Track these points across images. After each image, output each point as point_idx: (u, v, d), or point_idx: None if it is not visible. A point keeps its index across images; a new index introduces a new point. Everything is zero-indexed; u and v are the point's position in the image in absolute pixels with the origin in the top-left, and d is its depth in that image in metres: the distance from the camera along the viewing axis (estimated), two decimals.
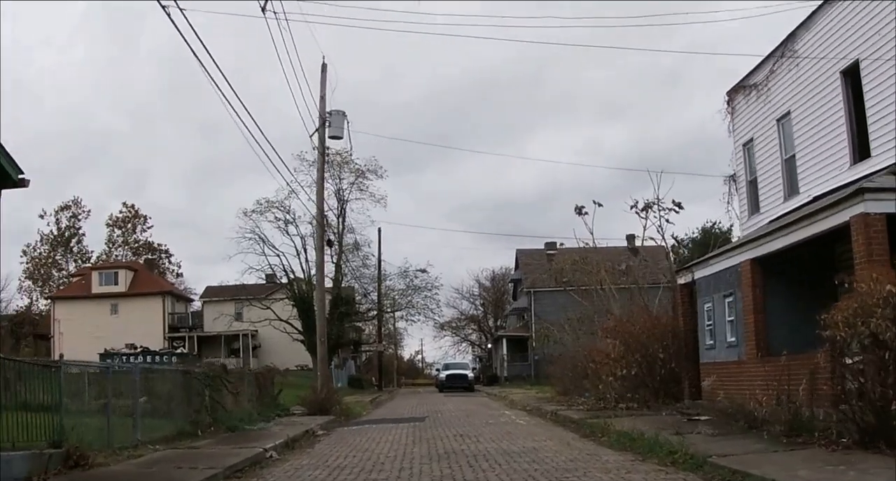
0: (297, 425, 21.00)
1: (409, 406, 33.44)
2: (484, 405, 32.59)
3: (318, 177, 27.69)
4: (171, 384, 17.40)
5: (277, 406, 26.33)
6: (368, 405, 34.71)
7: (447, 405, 32.47)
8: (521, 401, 31.77)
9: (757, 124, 20.36)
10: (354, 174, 57.45)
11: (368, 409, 31.32)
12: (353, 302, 59.25)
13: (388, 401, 40.21)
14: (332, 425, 22.28)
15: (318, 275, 28.90)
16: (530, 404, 29.04)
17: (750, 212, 20.81)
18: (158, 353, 62.61)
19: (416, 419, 23.21)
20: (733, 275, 17.09)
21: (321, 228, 27.81)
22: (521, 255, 67.11)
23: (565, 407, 25.19)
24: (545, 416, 23.22)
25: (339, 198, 57.77)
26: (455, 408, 29.35)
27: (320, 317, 28.04)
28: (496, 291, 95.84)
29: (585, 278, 32.50)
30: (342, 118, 27.71)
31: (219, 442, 16.53)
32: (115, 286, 70.18)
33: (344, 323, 55.91)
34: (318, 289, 28.86)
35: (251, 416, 21.91)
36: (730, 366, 17.27)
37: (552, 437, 16.02)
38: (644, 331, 22.65)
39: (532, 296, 62.47)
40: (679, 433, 14.52)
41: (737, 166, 21.68)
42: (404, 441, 16.01)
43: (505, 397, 37.51)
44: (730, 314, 17.45)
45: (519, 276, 67.46)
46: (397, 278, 58.29)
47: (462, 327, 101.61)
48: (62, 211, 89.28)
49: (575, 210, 29.76)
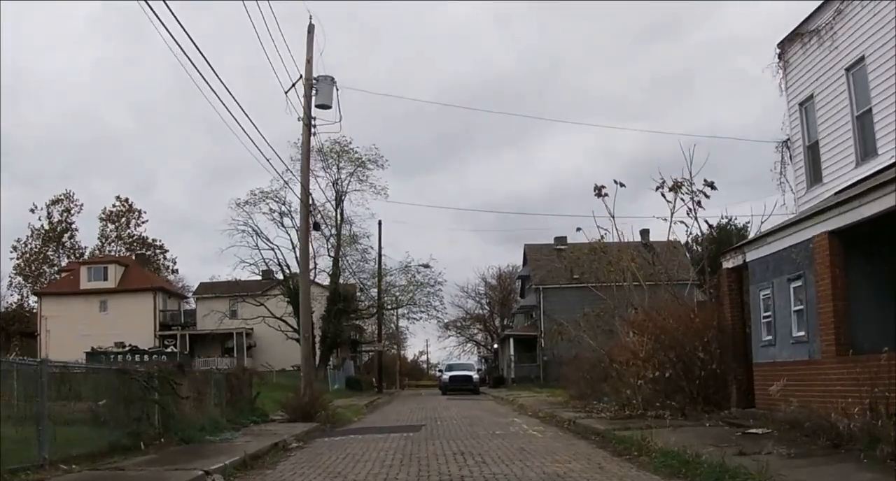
0: (269, 435, 17.68)
1: (408, 410, 30.12)
2: (490, 410, 29.24)
3: (304, 150, 24.38)
4: (104, 387, 14.07)
5: (254, 411, 23.03)
6: (363, 409, 31.40)
7: (449, 410, 29.15)
8: (531, 406, 28.43)
9: (819, 77, 16.96)
10: (353, 164, 54.21)
11: (361, 415, 28.00)
12: (351, 298, 55.95)
13: (386, 405, 36.88)
14: (313, 435, 18.95)
15: (302, 260, 25.56)
16: (543, 410, 25.70)
17: (809, 183, 17.41)
18: (147, 352, 59.57)
19: (412, 428, 19.86)
20: (802, 253, 13.71)
21: (305, 208, 24.48)
22: (529, 250, 63.72)
23: (584, 414, 21.84)
24: (562, 426, 19.87)
25: (337, 189, 54.57)
26: (458, 414, 26.02)
27: (304, 310, 24.74)
28: (503, 290, 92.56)
29: (604, 269, 29.03)
30: (330, 85, 24.40)
31: (160, 458, 13.23)
32: (105, 282, 67.01)
33: (341, 320, 52.65)
34: (302, 277, 25.52)
35: (217, 425, 18.60)
36: (797, 367, 13.88)
37: (577, 456, 12.66)
38: (680, 325, 19.30)
39: (541, 293, 59.09)
40: (743, 452, 11.17)
41: (792, 129, 18.27)
42: (390, 460, 12.67)
43: (513, 401, 34.14)
44: (797, 302, 14.07)
45: (527, 273, 64.07)
46: (398, 274, 55.03)
47: (467, 327, 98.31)
48: (54, 205, 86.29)
49: (594, 191, 26.40)
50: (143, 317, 65.65)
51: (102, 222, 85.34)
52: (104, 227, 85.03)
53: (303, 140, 24.31)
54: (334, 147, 53.12)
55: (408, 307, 54.45)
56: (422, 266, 54.19)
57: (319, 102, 24.41)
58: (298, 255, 24.18)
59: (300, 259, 24.63)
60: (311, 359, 24.24)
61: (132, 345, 60.92)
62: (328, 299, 53.85)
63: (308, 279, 24.80)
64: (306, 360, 24.25)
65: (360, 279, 54.84)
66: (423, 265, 54.25)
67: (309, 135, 24.23)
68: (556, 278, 60.16)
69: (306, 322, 24.74)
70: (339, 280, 53.48)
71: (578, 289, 61.58)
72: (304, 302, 24.69)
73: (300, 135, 24.39)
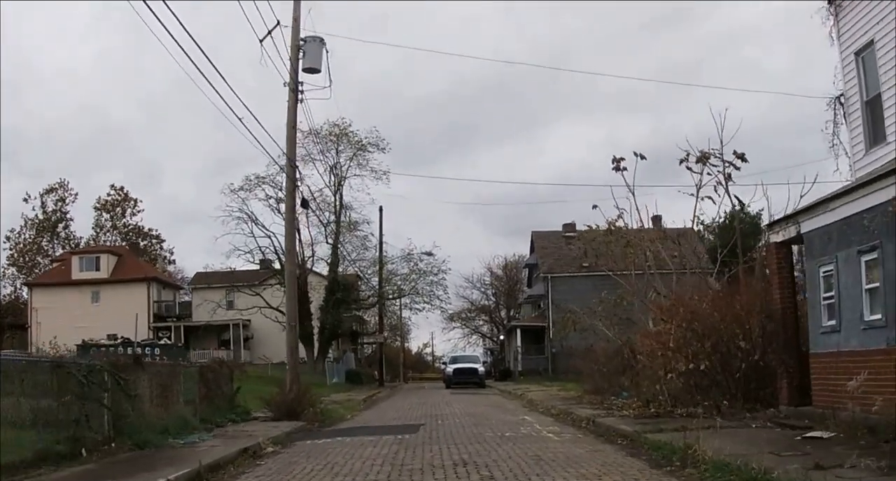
0: (243, 438, 15.32)
1: (408, 406, 27.75)
2: (497, 406, 26.84)
3: (289, 117, 21.90)
4: (33, 384, 11.67)
5: (235, 409, 20.67)
6: (359, 405, 29.05)
7: (453, 406, 26.76)
8: (542, 402, 26.03)
9: (880, 19, 14.48)
10: (353, 147, 51.77)
11: (356, 411, 25.63)
12: (352, 288, 53.56)
13: (385, 400, 34.52)
14: (294, 437, 16.58)
15: (288, 240, 23.04)
16: (555, 406, 23.31)
17: (869, 144, 14.88)
18: (140, 344, 57.36)
19: (409, 428, 17.46)
20: (878, 218, 11.26)
21: (291, 183, 21.99)
22: (536, 238, 61.23)
23: (602, 411, 19.43)
24: (580, 425, 17.46)
25: (336, 173, 52.15)
26: (462, 411, 23.63)
27: (290, 294, 22.34)
28: (509, 280, 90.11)
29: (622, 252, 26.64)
30: (320, 46, 21.98)
31: (96, 470, 10.89)
32: (97, 272, 64.72)
33: (340, 310, 50.29)
34: (288, 257, 22.97)
35: (186, 425, 16.25)
36: (871, 358, 11.44)
37: (607, 468, 10.23)
38: (716, 310, 16.85)
39: (549, 281, 56.66)
40: (821, 465, 8.77)
41: (846, 84, 15.77)
42: (375, 473, 10.26)
43: (522, 396, 31.75)
44: (869, 279, 11.62)
45: (534, 261, 61.57)
46: (400, 262, 52.58)
47: (472, 318, 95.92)
48: (48, 194, 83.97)
49: (612, 164, 23.84)
50: (137, 309, 63.21)
51: (97, 211, 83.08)
52: (99, 217, 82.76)
53: (289, 106, 21.85)
54: (333, 130, 50.80)
55: (410, 297, 52.01)
56: (424, 254, 51.81)
57: (307, 66, 21.99)
58: (284, 234, 21.49)
59: (286, 238, 22.22)
60: (297, 350, 21.84)
61: (124, 337, 58.81)
62: (327, 288, 51.52)
63: (294, 260, 22.35)
64: (292, 352, 21.85)
65: (360, 267, 52.43)
66: (425, 253, 51.87)
67: (296, 101, 21.80)
68: (565, 266, 57.77)
69: (291, 309, 22.32)
70: (338, 268, 51.13)
71: (589, 277, 59.14)
72: (290, 285, 22.29)
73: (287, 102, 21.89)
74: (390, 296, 52.34)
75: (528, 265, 64.94)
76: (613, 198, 26.62)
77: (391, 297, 52.56)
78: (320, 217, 49.10)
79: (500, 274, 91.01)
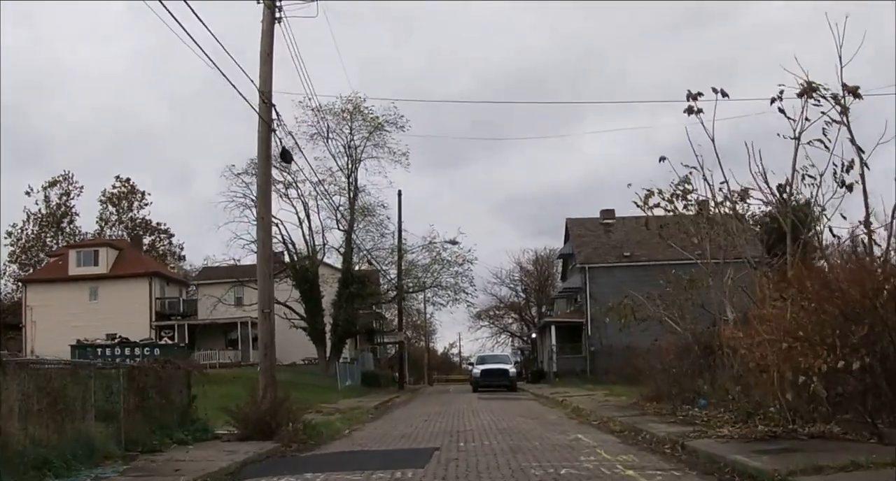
0: (166, 476, 10.14)
1: (425, 417, 22.45)
2: (536, 416, 21.47)
3: (264, 41, 16.69)
4: None
5: (189, 425, 15.50)
6: (365, 415, 23.88)
7: (480, 416, 21.48)
8: (593, 411, 20.66)
9: None
10: (370, 126, 46.58)
11: (359, 423, 20.38)
12: (367, 281, 48.33)
13: (401, 407, 29.27)
14: (248, 471, 11.37)
15: (260, 202, 17.58)
16: (612, 417, 18.00)
17: None
18: (138, 344, 52.60)
19: (416, 456, 12.18)
20: None
21: (266, 127, 16.57)
22: (571, 225, 55.70)
23: (685, 428, 14.03)
24: (662, 450, 12.11)
25: (350, 155, 46.97)
26: (492, 424, 18.35)
27: (262, 271, 16.91)
28: (540, 276, 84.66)
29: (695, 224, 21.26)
30: None
31: None
32: (95, 267, 59.95)
33: (355, 305, 45.03)
34: (260, 224, 17.15)
35: (90, 453, 11.13)
36: None
37: None
38: (857, 283, 11.39)
39: (586, 272, 51.11)
40: None
41: None
42: None
43: (563, 402, 26.32)
44: None
45: (569, 250, 56.01)
46: (421, 252, 47.25)
47: (501, 316, 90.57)
48: (51, 187, 79.54)
49: (687, 99, 18.02)
50: (138, 306, 58.63)
51: (102, 204, 78.50)
52: (104, 210, 78.16)
53: (263, 28, 16.66)
54: (346, 106, 45.67)
55: (432, 289, 46.56)
56: (448, 242, 46.45)
57: None
58: (256, 190, 16.16)
59: (258, 199, 16.73)
60: (272, 345, 16.52)
61: (122, 337, 54.24)
62: (340, 281, 46.32)
63: (268, 228, 16.79)
64: (266, 348, 16.52)
65: (377, 258, 47.09)
66: (449, 241, 46.51)
67: (272, 19, 16.61)
68: (604, 255, 52.27)
69: (265, 289, 16.90)
70: (352, 258, 45.92)
71: (630, 267, 53.48)
72: (263, 260, 16.91)
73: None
74: (410, 290, 46.98)
75: (563, 255, 59.14)
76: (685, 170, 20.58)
77: (411, 291, 47.19)
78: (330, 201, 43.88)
79: (530, 269, 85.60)
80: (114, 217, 77.41)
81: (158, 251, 78.21)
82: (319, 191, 42.79)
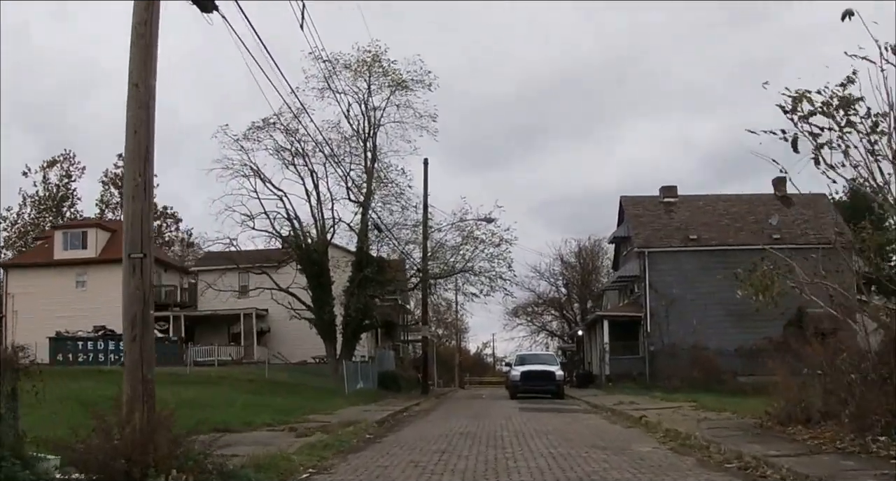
0: None
1: (445, 439, 14.91)
2: (616, 446, 13.77)
3: None
4: None
5: None
6: (365, 432, 16.54)
7: (529, 443, 13.93)
8: (705, 439, 12.91)
9: None
10: (392, 83, 39.23)
11: (341, 454, 12.81)
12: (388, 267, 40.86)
13: (417, 421, 21.68)
14: None
15: (135, 63, 9.85)
16: (757, 453, 10.38)
17: None
18: None
19: None
20: None
21: None
22: (627, 204, 47.80)
23: None
24: None
25: (367, 115, 39.64)
26: (553, 463, 10.87)
27: (132, 180, 9.32)
28: (584, 269, 76.72)
29: None
30: None
31: None
32: (84, 250, 53.14)
33: (369, 291, 37.58)
34: (133, 106, 9.53)
35: None
36: None
37: None
38: None
39: (645, 259, 43.30)
40: None
41: None
42: None
43: (642, 419, 18.50)
44: None
45: (624, 233, 48.11)
46: (450, 230, 39.73)
47: (539, 314, 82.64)
48: (50, 167, 73.13)
49: None
50: None
51: (104, 186, 71.88)
52: (105, 192, 71.52)
53: None
54: (363, 56, 38.37)
55: (463, 275, 38.84)
56: (482, 220, 38.90)
57: None
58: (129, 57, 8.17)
59: (132, 35, 8.88)
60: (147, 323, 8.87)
61: (107, 329, 47.35)
62: (353, 264, 38.98)
63: (150, 94, 9.00)
64: (135, 329, 8.86)
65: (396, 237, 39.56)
66: (484, 219, 38.96)
67: None
68: (666, 239, 44.39)
69: (138, 212, 9.24)
70: (367, 235, 38.52)
71: (697, 252, 45.52)
72: (135, 151, 9.17)
73: None
74: (437, 274, 39.32)
75: (616, 239, 50.84)
76: None
77: (438, 276, 39.54)
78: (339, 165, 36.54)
79: (572, 262, 77.58)
80: (115, 200, 70.52)
81: (164, 238, 71.44)
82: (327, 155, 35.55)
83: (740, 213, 45.74)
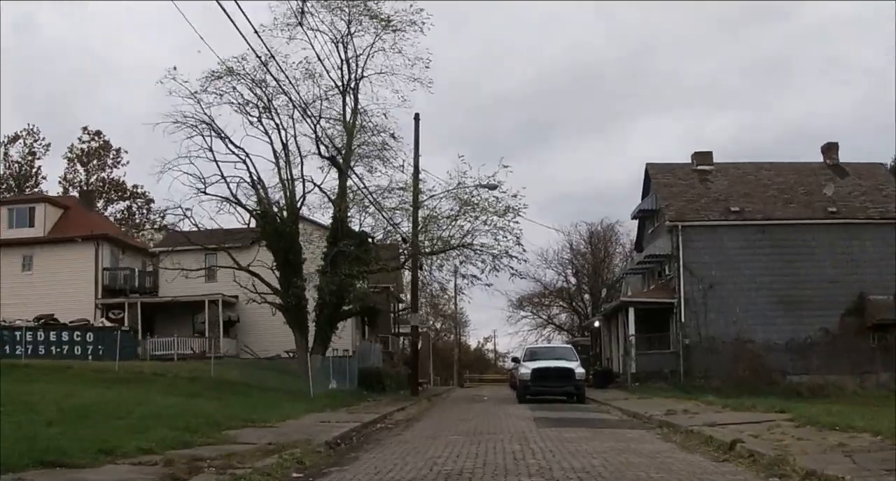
0: None
1: None
2: None
3: None
4: None
5: None
6: (305, 458, 10.11)
7: None
8: None
9: None
10: (377, 23, 32.48)
11: None
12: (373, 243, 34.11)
13: (385, 442, 14.86)
14: None
15: None
16: None
17: None
18: (69, 328, 39.45)
19: None
20: None
21: None
22: (653, 172, 41.08)
23: None
24: None
25: (347, 61, 33.00)
26: None
27: None
28: (595, 256, 70.22)
29: None
30: None
31: None
32: (31, 228, 46.74)
33: (345, 269, 30.80)
34: None
35: None
36: None
37: None
38: None
39: (678, 234, 36.67)
40: None
41: None
42: None
43: (730, 444, 11.77)
44: None
45: (650, 206, 41.37)
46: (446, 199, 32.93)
47: (546, 305, 76.03)
48: (11, 143, 66.66)
49: None
50: (81, 278, 45.20)
51: (69, 163, 65.30)
52: (70, 169, 64.97)
53: None
54: None
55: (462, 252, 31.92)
56: (484, 186, 32.07)
57: None
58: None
59: None
60: None
61: (51, 318, 41.07)
62: (328, 238, 32.36)
63: None
64: None
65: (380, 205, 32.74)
66: (486, 186, 32.10)
67: None
68: (702, 211, 37.77)
69: None
70: (346, 203, 31.86)
71: (739, 227, 38.52)
72: None
73: None
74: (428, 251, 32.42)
75: (642, 212, 43.34)
76: None
77: (431, 253, 32.67)
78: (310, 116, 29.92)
79: (582, 249, 70.93)
80: (80, 177, 63.95)
81: (135, 220, 64.90)
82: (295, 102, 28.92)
83: (788, 184, 39.18)
